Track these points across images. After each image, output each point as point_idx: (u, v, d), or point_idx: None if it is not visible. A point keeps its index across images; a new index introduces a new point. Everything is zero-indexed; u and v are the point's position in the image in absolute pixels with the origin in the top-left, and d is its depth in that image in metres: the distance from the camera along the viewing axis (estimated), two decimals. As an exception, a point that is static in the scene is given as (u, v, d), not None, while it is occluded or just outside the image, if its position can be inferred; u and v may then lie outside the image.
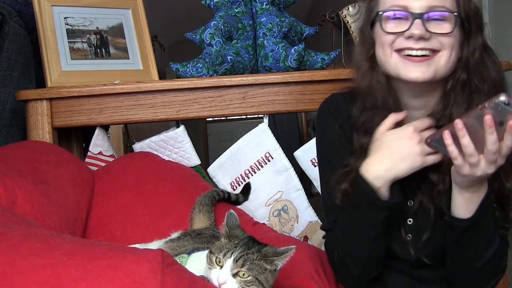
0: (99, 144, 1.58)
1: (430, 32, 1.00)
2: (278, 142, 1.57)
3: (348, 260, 1.07)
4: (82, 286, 0.66)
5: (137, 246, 1.13)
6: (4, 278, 0.67)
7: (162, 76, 4.52)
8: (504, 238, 1.06)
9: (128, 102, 1.48)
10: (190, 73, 1.57)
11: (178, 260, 1.00)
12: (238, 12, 1.59)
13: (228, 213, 0.99)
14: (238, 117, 3.64)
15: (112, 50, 1.65)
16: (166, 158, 1.57)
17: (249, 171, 1.56)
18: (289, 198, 1.57)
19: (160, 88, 1.48)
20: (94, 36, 1.63)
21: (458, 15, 1.01)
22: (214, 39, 1.54)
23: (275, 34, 1.58)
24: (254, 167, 1.56)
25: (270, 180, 1.56)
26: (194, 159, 1.60)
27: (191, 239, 1.13)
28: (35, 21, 1.55)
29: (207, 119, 6.96)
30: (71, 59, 1.57)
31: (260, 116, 1.57)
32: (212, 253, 0.93)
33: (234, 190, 1.56)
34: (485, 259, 1.00)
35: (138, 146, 1.62)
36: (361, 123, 1.11)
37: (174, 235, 1.20)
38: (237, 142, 1.58)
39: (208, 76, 1.54)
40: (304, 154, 1.57)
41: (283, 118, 4.26)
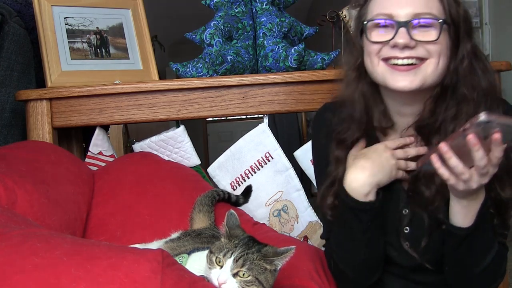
0: (99, 144, 1.58)
1: (416, 40, 0.99)
2: (278, 142, 1.57)
3: (345, 267, 1.08)
4: (82, 286, 0.66)
5: (137, 246, 1.13)
6: (4, 278, 0.67)
7: (162, 76, 4.51)
8: (503, 243, 1.05)
9: (128, 102, 1.48)
10: (190, 73, 1.57)
11: (178, 260, 1.00)
12: (238, 12, 1.59)
13: (228, 213, 0.99)
14: (238, 117, 3.63)
15: (112, 50, 1.65)
16: (166, 158, 1.57)
17: (249, 171, 1.56)
18: (289, 198, 1.57)
19: (160, 88, 1.48)
20: (94, 36, 1.63)
21: (444, 22, 0.99)
22: (214, 39, 1.54)
23: (275, 34, 1.58)
24: (254, 167, 1.56)
25: (270, 180, 1.56)
26: (194, 159, 1.60)
27: (191, 239, 1.13)
28: (35, 21, 1.55)
29: (207, 119, 6.96)
30: (71, 59, 1.57)
31: (260, 116, 1.57)
32: (212, 253, 0.93)
33: (234, 190, 1.56)
34: (484, 265, 1.00)
35: (138, 146, 1.62)
36: (336, 134, 1.12)
37: (174, 235, 1.20)
38: (237, 142, 1.58)
39: (208, 76, 1.54)
40: (304, 154, 1.57)
41: (283, 118, 4.26)
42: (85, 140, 1.72)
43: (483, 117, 0.82)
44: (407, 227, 1.07)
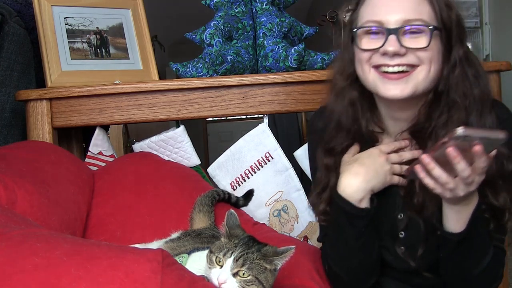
0: (99, 144, 1.58)
1: (406, 47, 0.97)
2: (278, 142, 1.57)
3: (340, 271, 1.08)
4: (82, 286, 0.66)
5: (137, 246, 1.13)
6: (4, 278, 0.67)
7: (162, 76, 4.52)
8: (500, 248, 1.04)
9: (128, 102, 1.48)
10: (190, 73, 1.57)
11: (178, 260, 1.00)
12: (238, 12, 1.59)
13: (228, 212, 0.99)
14: (238, 117, 3.63)
15: (112, 50, 1.65)
16: (166, 158, 1.57)
17: (249, 171, 1.56)
18: (289, 198, 1.56)
19: (160, 88, 1.48)
20: (94, 36, 1.63)
21: (434, 28, 0.97)
22: (214, 39, 1.54)
23: (275, 34, 1.58)
24: (254, 167, 1.56)
25: (270, 180, 1.56)
26: (194, 159, 1.60)
27: (191, 239, 1.13)
28: (35, 21, 1.55)
29: (207, 119, 6.96)
30: (71, 59, 1.57)
31: (260, 116, 1.57)
32: (212, 252, 0.93)
33: (234, 190, 1.56)
34: (480, 269, 0.99)
35: (138, 146, 1.62)
36: (325, 142, 1.11)
37: (174, 235, 1.20)
38: (237, 142, 1.58)
39: (208, 76, 1.54)
40: (304, 154, 1.57)
41: (283, 118, 4.26)
42: (85, 140, 1.72)
43: (460, 131, 0.82)
44: (402, 232, 1.07)
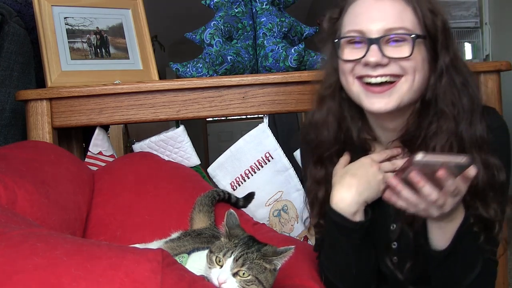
0: (99, 144, 1.58)
1: (388, 57, 0.95)
2: (278, 142, 1.57)
3: (337, 281, 1.07)
4: (82, 286, 0.66)
5: (137, 246, 1.13)
6: (4, 278, 0.67)
7: (162, 76, 4.52)
8: (492, 259, 1.02)
9: (128, 102, 1.48)
10: (190, 73, 1.57)
11: (178, 260, 1.00)
12: (238, 12, 1.59)
13: (228, 212, 0.99)
14: (238, 117, 3.64)
15: (112, 50, 1.65)
16: (166, 158, 1.57)
17: (249, 171, 1.56)
18: (289, 198, 1.56)
19: (160, 88, 1.48)
20: (94, 36, 1.63)
21: (417, 37, 0.95)
22: (214, 39, 1.54)
23: (275, 34, 1.58)
24: (254, 167, 1.56)
25: (270, 180, 1.56)
26: (194, 159, 1.60)
27: (191, 239, 1.13)
28: (35, 21, 1.55)
29: (207, 119, 6.96)
30: (71, 59, 1.57)
31: (260, 116, 1.57)
32: (212, 252, 0.93)
33: (234, 190, 1.56)
34: (468, 281, 0.97)
35: (138, 146, 1.62)
36: (313, 153, 1.10)
37: (174, 235, 1.20)
38: (237, 142, 1.58)
39: (208, 76, 1.54)
40: (304, 154, 1.57)
41: (283, 118, 4.26)
42: (85, 140, 1.72)
43: (418, 158, 0.80)
44: (395, 243, 1.05)
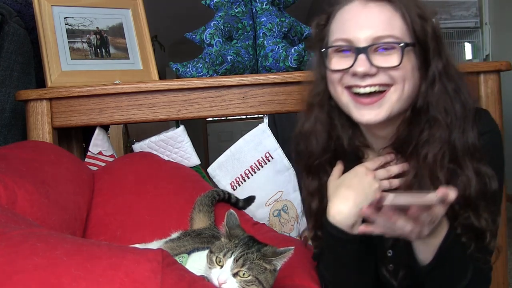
0: (99, 144, 1.58)
1: (376, 66, 0.92)
2: (278, 142, 1.57)
3: None
4: (82, 286, 0.66)
5: (137, 246, 1.13)
6: (4, 278, 0.67)
7: (162, 76, 4.52)
8: (485, 269, 1.00)
9: (128, 102, 1.48)
10: (190, 73, 1.57)
11: (178, 260, 1.00)
12: (238, 12, 1.59)
13: (228, 213, 0.99)
14: (238, 117, 3.64)
15: (112, 50, 1.65)
16: (166, 158, 1.57)
17: (249, 171, 1.56)
18: (289, 198, 1.56)
19: (160, 88, 1.48)
20: (94, 36, 1.63)
21: (406, 45, 0.92)
22: (214, 39, 1.54)
23: (275, 34, 1.58)
24: (254, 167, 1.56)
25: (270, 180, 1.56)
26: (194, 159, 1.60)
27: (191, 239, 1.13)
28: (35, 21, 1.55)
29: (207, 119, 6.96)
30: (71, 59, 1.57)
31: (260, 116, 1.58)
32: (212, 252, 0.93)
33: (234, 190, 1.56)
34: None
35: (138, 146, 1.62)
36: (304, 164, 1.08)
37: (174, 235, 1.20)
38: (237, 142, 1.58)
39: (208, 76, 1.54)
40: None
41: (283, 118, 4.26)
42: (85, 140, 1.72)
43: (388, 202, 0.79)
44: (391, 250, 1.04)
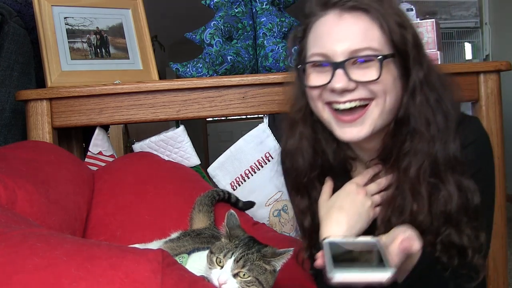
0: (99, 144, 1.58)
1: (355, 81, 0.89)
2: (278, 142, 1.57)
3: None
4: (82, 286, 0.66)
5: (136, 246, 1.13)
6: (4, 278, 0.67)
7: (162, 76, 4.52)
8: (467, 286, 0.94)
9: (128, 102, 1.48)
10: (190, 73, 1.57)
11: (178, 260, 1.00)
12: (238, 12, 1.59)
13: (228, 213, 0.99)
14: (238, 117, 3.64)
15: (112, 50, 1.65)
16: (166, 158, 1.57)
17: (249, 171, 1.56)
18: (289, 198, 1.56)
19: (160, 88, 1.48)
20: (94, 36, 1.63)
21: (384, 57, 0.88)
22: (214, 39, 1.54)
23: (275, 34, 1.58)
24: (254, 167, 1.56)
25: (270, 180, 1.56)
26: (194, 159, 1.60)
27: (191, 239, 1.13)
28: (35, 21, 1.55)
29: (207, 119, 6.96)
30: (71, 59, 1.57)
31: (260, 116, 1.57)
32: (212, 253, 0.93)
33: (234, 190, 1.56)
34: None
35: (138, 146, 1.62)
36: (292, 183, 1.06)
37: (174, 235, 1.20)
38: (237, 142, 1.58)
39: (208, 76, 1.54)
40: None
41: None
42: (85, 140, 1.72)
43: (336, 278, 0.75)
44: None
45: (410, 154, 0.93)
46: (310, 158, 1.02)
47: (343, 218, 0.94)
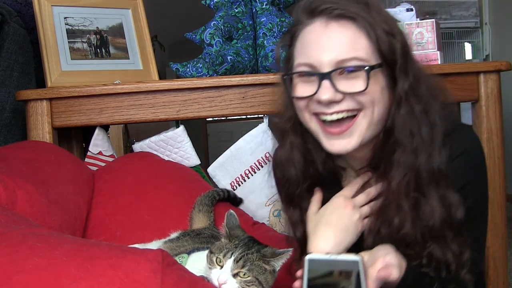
0: (99, 144, 1.58)
1: (342, 92, 0.87)
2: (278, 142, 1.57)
3: None
4: (82, 286, 0.66)
5: (136, 246, 1.13)
6: (4, 278, 0.67)
7: (162, 76, 4.52)
8: None
9: (128, 102, 1.48)
10: (190, 73, 1.57)
11: (178, 260, 1.00)
12: (238, 12, 1.59)
13: (227, 213, 0.99)
14: (238, 117, 3.64)
15: (112, 50, 1.65)
16: (166, 158, 1.57)
17: (249, 171, 1.56)
18: (289, 198, 1.56)
19: (160, 88, 1.48)
20: (94, 36, 1.63)
21: (371, 68, 0.86)
22: (214, 39, 1.54)
23: (275, 34, 1.58)
24: (254, 167, 1.56)
25: (270, 180, 1.56)
26: (193, 159, 1.60)
27: (190, 239, 1.13)
28: (35, 21, 1.55)
29: (207, 119, 6.96)
30: (71, 59, 1.57)
31: (260, 116, 1.57)
32: (212, 253, 0.93)
33: (234, 190, 1.56)
34: None
35: (138, 146, 1.62)
36: (283, 194, 1.05)
37: (173, 235, 1.20)
38: (237, 142, 1.58)
39: (208, 76, 1.54)
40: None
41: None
42: (85, 140, 1.72)
43: (305, 260, 0.76)
44: None
45: (393, 167, 0.91)
46: (302, 168, 1.00)
47: (330, 233, 0.93)
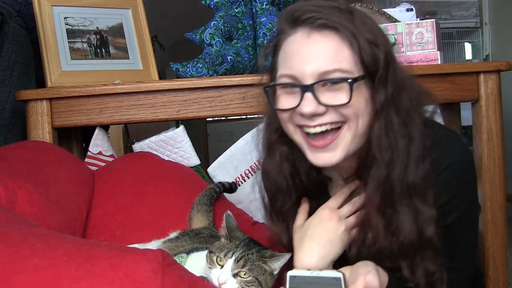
0: (99, 144, 1.58)
1: (325, 105, 0.85)
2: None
3: None
4: (82, 286, 0.66)
5: (135, 246, 1.13)
6: (4, 278, 0.67)
7: (162, 76, 4.52)
8: None
9: (128, 102, 1.48)
10: (190, 73, 1.57)
11: (177, 260, 1.00)
12: (238, 12, 1.59)
13: (226, 214, 0.99)
14: (238, 117, 3.64)
15: (112, 50, 1.65)
16: (166, 158, 1.57)
17: (249, 171, 1.56)
18: (289, 198, 1.56)
19: (160, 88, 1.48)
20: (94, 36, 1.63)
21: (354, 80, 0.84)
22: (214, 39, 1.55)
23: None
24: (254, 167, 1.56)
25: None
26: (193, 159, 1.60)
27: (189, 239, 1.13)
28: (35, 21, 1.55)
29: (207, 119, 6.96)
30: (71, 59, 1.57)
31: (260, 116, 1.57)
32: (212, 252, 0.93)
33: (234, 190, 1.56)
34: None
35: (138, 146, 1.62)
36: (270, 205, 1.04)
37: (173, 235, 1.20)
38: (237, 142, 1.58)
39: (208, 76, 1.54)
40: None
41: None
42: (85, 140, 1.72)
43: (287, 276, 0.76)
44: None
45: (367, 181, 0.90)
46: (292, 179, 0.99)
47: (315, 247, 0.92)
